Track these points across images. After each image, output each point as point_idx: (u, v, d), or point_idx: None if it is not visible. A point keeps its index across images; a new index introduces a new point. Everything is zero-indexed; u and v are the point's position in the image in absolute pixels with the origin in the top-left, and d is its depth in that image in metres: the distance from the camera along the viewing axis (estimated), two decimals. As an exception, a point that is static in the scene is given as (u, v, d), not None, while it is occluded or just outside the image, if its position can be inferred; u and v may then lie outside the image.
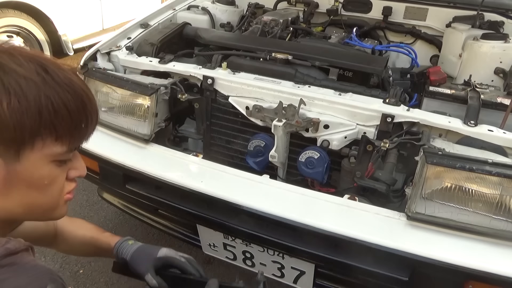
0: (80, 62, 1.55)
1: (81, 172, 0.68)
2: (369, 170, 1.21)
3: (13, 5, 3.32)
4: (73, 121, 0.59)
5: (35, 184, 0.60)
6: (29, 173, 0.58)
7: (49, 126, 0.57)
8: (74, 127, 0.60)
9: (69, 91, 0.59)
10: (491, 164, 1.02)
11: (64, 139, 0.59)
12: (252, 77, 1.41)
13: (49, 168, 0.60)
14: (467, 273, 1.01)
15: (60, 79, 0.58)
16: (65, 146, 0.60)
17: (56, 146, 0.59)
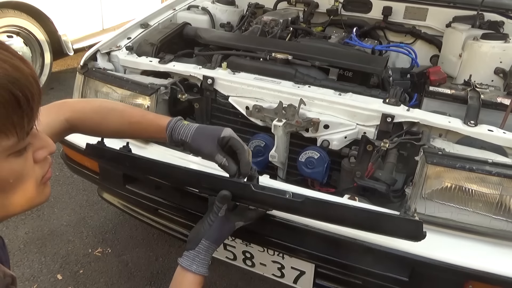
0: (80, 62, 1.55)
1: (49, 149, 0.59)
2: (369, 170, 1.21)
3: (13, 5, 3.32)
4: (7, 107, 0.48)
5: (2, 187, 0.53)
6: None
7: None
8: (13, 112, 0.49)
9: None
10: (491, 164, 1.02)
11: (7, 130, 0.49)
12: (252, 77, 1.41)
13: (8, 165, 0.52)
14: (467, 273, 1.01)
15: None
16: (13, 136, 0.50)
17: (2, 141, 0.49)
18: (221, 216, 0.96)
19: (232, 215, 0.99)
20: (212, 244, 0.96)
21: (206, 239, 0.95)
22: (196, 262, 0.94)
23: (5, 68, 0.48)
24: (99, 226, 2.16)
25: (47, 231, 2.11)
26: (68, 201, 2.33)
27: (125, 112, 1.03)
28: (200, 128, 0.99)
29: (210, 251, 0.96)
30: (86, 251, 2.01)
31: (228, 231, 0.99)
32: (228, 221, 0.97)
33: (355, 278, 1.16)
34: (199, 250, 0.95)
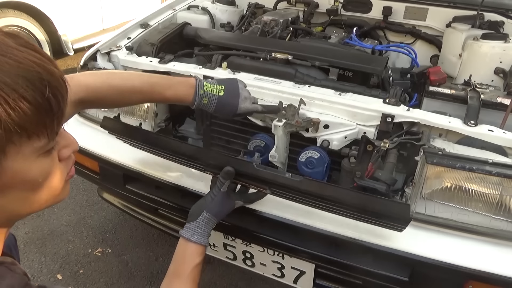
0: (80, 62, 1.55)
1: (73, 147, 0.61)
2: (369, 170, 1.21)
3: (13, 5, 3.33)
4: (41, 110, 0.49)
5: (30, 185, 0.54)
6: (19, 178, 0.52)
7: (15, 129, 0.47)
8: (46, 115, 0.50)
9: (20, 74, 0.47)
10: (491, 164, 1.02)
11: (39, 132, 0.50)
12: (252, 77, 1.41)
13: (37, 165, 0.53)
14: (467, 273, 1.01)
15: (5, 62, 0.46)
16: (44, 138, 0.51)
17: (34, 142, 0.51)
18: (223, 191, 1.03)
19: (233, 194, 1.09)
20: (212, 216, 1.02)
21: (207, 212, 1.01)
22: (197, 233, 1.00)
23: (39, 71, 0.49)
24: (99, 226, 2.16)
25: (47, 231, 2.11)
26: (68, 201, 2.33)
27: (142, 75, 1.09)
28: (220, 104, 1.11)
29: (211, 224, 1.02)
30: (86, 251, 2.01)
31: (228, 208, 1.06)
32: (229, 198, 1.05)
33: (355, 278, 1.17)
34: (200, 222, 1.01)
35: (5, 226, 0.61)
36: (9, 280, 0.52)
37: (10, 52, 0.48)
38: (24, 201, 0.56)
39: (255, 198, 1.12)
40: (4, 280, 0.51)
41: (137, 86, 1.02)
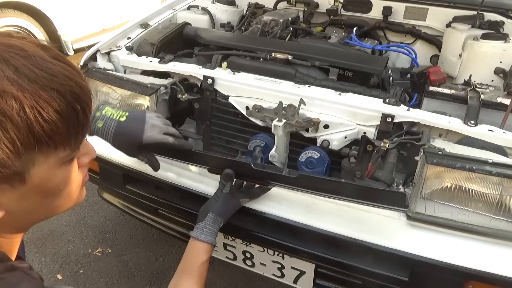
0: (80, 62, 1.55)
1: (91, 155, 0.63)
2: (369, 170, 1.21)
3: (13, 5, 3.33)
4: (70, 123, 0.51)
5: (52, 193, 0.56)
6: (42, 186, 0.54)
7: (45, 140, 0.49)
8: (73, 127, 0.52)
9: (54, 87, 0.48)
10: (491, 164, 1.02)
11: (65, 143, 0.52)
12: (252, 77, 1.41)
13: (60, 173, 0.55)
14: (467, 273, 1.01)
15: (37, 75, 0.48)
16: (69, 148, 0.54)
17: (59, 152, 0.53)
18: (225, 192, 1.08)
19: (238, 192, 1.13)
20: (218, 216, 1.07)
21: (212, 212, 1.06)
22: (205, 232, 1.05)
23: (72, 85, 0.51)
24: (99, 226, 2.16)
25: (47, 231, 2.11)
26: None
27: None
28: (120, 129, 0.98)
29: (217, 223, 1.07)
30: (86, 251, 2.01)
31: (234, 207, 1.11)
32: (233, 198, 1.10)
33: (355, 278, 1.17)
34: (206, 222, 1.06)
35: (22, 231, 0.62)
36: (27, 284, 0.53)
37: (45, 65, 0.49)
38: (44, 206, 0.58)
39: (260, 192, 1.17)
40: (21, 285, 0.52)
41: None
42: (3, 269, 0.53)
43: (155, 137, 1.01)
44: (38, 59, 0.49)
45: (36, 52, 0.50)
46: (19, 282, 0.52)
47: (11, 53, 0.48)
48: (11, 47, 0.49)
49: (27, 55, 0.49)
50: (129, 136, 1.01)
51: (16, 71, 0.47)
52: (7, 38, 0.50)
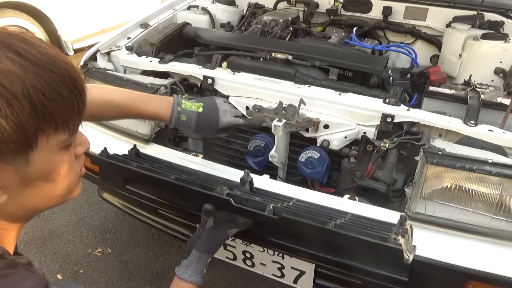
0: (80, 62, 1.55)
1: (86, 146, 0.65)
2: (369, 170, 1.21)
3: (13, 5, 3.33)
4: (68, 104, 0.54)
5: (52, 177, 0.58)
6: (44, 169, 0.55)
7: (47, 119, 0.51)
8: (71, 109, 0.54)
9: (53, 70, 0.52)
10: (491, 164, 1.02)
11: (65, 125, 0.54)
12: (252, 77, 1.41)
13: (59, 157, 0.57)
14: (467, 273, 1.01)
15: (37, 57, 0.51)
16: (68, 131, 0.56)
17: (59, 135, 0.55)
18: (208, 227, 1.00)
19: (224, 224, 1.02)
20: (202, 254, 1.00)
21: (196, 249, 1.00)
22: (189, 271, 0.99)
23: (68, 69, 0.54)
24: (99, 226, 2.16)
25: (47, 231, 2.11)
26: (68, 201, 2.33)
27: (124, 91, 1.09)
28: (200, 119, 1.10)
29: (202, 261, 1.00)
30: (86, 251, 2.01)
31: (220, 240, 1.03)
32: (218, 231, 1.01)
33: (355, 278, 1.16)
34: (191, 260, 1.00)
35: (21, 221, 0.63)
36: (31, 281, 0.53)
37: (43, 50, 0.52)
38: (44, 193, 0.59)
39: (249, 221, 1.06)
40: (26, 282, 0.53)
41: (116, 100, 1.02)
42: (5, 265, 0.53)
43: (228, 120, 1.14)
44: (36, 45, 0.52)
45: (34, 39, 0.53)
46: (23, 280, 0.53)
47: (11, 39, 0.51)
48: (11, 34, 0.52)
49: (26, 41, 0.51)
50: (208, 124, 1.13)
51: (17, 54, 0.49)
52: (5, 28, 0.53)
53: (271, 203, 0.95)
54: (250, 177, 1.04)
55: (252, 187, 1.04)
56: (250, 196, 0.98)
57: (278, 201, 0.99)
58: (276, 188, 1.24)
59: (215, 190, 0.96)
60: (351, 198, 1.21)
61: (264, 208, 0.92)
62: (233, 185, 1.05)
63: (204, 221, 1.01)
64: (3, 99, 0.47)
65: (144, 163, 1.11)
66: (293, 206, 0.99)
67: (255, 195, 1.01)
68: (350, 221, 0.94)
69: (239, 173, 1.29)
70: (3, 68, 0.47)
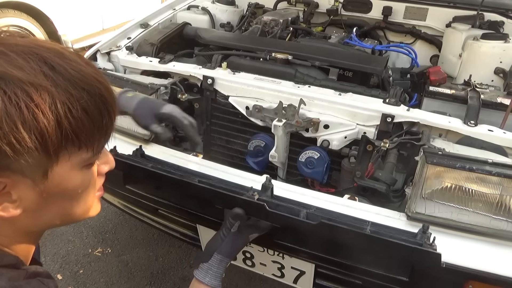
0: (80, 62, 1.55)
1: (111, 165, 0.65)
2: (369, 170, 1.21)
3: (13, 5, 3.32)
4: (95, 123, 0.53)
5: (70, 195, 0.57)
6: (62, 186, 0.54)
7: (71, 137, 0.50)
8: (97, 129, 0.54)
9: (85, 88, 0.51)
10: (491, 164, 1.02)
11: (89, 144, 0.53)
12: (252, 77, 1.41)
13: (80, 175, 0.56)
14: (467, 273, 1.01)
15: (70, 74, 0.50)
16: (91, 150, 0.55)
17: (82, 153, 0.54)
18: (233, 231, 0.98)
19: (246, 228, 1.00)
20: (224, 258, 0.98)
21: (219, 253, 0.97)
22: (210, 274, 0.97)
23: (100, 88, 0.53)
24: (99, 226, 2.16)
25: (47, 231, 2.10)
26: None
27: None
28: (141, 103, 1.06)
29: (223, 264, 0.98)
30: (86, 251, 2.01)
31: (242, 244, 1.02)
32: (241, 235, 0.99)
33: (355, 278, 1.16)
34: (212, 263, 0.97)
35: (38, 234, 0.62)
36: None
37: (78, 67, 0.52)
38: (60, 209, 0.58)
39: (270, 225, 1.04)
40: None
41: None
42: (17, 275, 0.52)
43: (173, 111, 1.08)
44: (73, 61, 0.52)
45: (72, 55, 0.53)
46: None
47: (49, 53, 0.50)
48: (49, 49, 0.51)
49: (63, 57, 0.51)
50: (151, 104, 1.08)
51: (52, 69, 0.49)
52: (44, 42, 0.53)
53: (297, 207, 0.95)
54: (272, 184, 1.02)
55: (273, 194, 1.02)
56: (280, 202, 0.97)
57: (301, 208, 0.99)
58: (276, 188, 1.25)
59: (245, 194, 0.94)
60: (351, 198, 1.21)
61: (298, 213, 0.92)
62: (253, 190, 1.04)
63: (231, 224, 0.98)
64: (30, 113, 0.46)
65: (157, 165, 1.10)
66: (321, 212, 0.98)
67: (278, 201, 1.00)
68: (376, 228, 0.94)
69: (239, 173, 1.29)
70: (35, 82, 0.47)
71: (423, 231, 0.91)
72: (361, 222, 0.97)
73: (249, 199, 0.94)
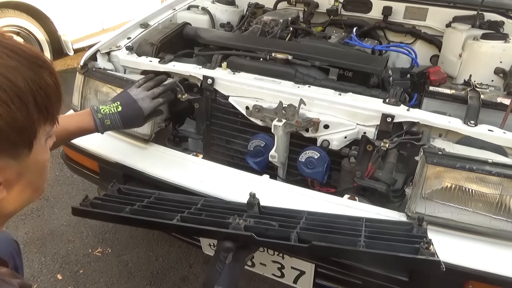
0: (80, 62, 1.55)
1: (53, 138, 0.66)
2: (369, 170, 1.21)
3: (13, 5, 3.32)
4: (57, 96, 0.58)
5: (41, 169, 0.60)
6: (37, 161, 0.58)
7: (44, 111, 0.55)
8: (57, 100, 0.58)
9: (42, 65, 0.56)
10: (491, 164, 1.02)
11: (54, 116, 0.58)
12: (252, 77, 1.41)
13: (46, 148, 0.60)
14: (467, 273, 1.01)
15: (29, 55, 0.55)
16: (52, 122, 0.59)
17: (47, 126, 0.58)
18: (228, 262, 0.95)
19: (240, 254, 0.98)
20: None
21: (219, 286, 0.95)
22: None
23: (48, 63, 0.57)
24: (99, 226, 2.16)
25: (47, 231, 2.11)
26: (68, 201, 2.33)
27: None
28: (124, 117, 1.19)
29: None
30: (86, 251, 2.01)
31: (241, 270, 1.00)
32: (238, 262, 0.97)
33: (355, 278, 1.16)
34: None
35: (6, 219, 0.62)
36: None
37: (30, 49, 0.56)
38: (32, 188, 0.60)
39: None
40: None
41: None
42: None
43: (149, 105, 1.23)
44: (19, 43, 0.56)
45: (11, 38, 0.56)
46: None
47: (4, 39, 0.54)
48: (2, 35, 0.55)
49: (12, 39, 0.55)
50: (133, 118, 1.22)
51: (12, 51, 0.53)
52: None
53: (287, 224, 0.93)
54: (257, 199, 1.00)
55: (260, 209, 1.01)
56: (268, 224, 0.94)
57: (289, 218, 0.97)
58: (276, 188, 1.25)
59: (230, 225, 0.91)
60: (351, 198, 1.21)
61: (288, 236, 0.89)
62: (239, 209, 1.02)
63: (224, 257, 0.95)
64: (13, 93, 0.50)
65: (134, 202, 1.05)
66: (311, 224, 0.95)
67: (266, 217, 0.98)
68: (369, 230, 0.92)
69: (239, 173, 1.30)
70: (5, 62, 0.51)
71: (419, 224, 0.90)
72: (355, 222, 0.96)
73: (236, 232, 0.91)
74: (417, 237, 0.87)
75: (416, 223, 0.91)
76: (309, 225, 0.95)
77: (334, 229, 0.92)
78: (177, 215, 0.98)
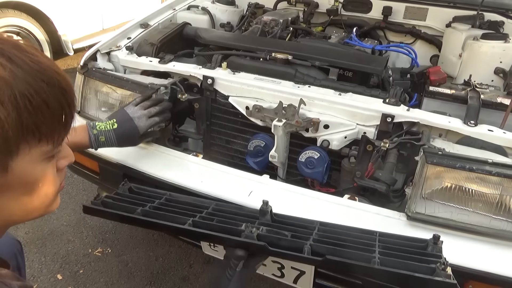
0: (80, 62, 1.55)
1: (70, 159, 0.64)
2: (369, 170, 1.21)
3: (13, 5, 3.32)
4: (56, 115, 0.53)
5: (30, 189, 0.56)
6: (22, 179, 0.53)
7: (31, 128, 0.50)
8: (57, 121, 0.54)
9: (43, 79, 0.51)
10: (491, 164, 1.02)
11: (49, 136, 0.53)
12: (252, 77, 1.41)
13: (40, 168, 0.56)
14: (467, 273, 1.01)
15: (29, 65, 0.50)
16: (51, 142, 0.54)
17: (42, 146, 0.53)
18: (239, 270, 0.94)
19: (251, 261, 0.96)
20: None
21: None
22: None
23: (59, 80, 0.53)
24: (99, 226, 2.16)
25: (47, 231, 2.10)
26: (68, 201, 2.33)
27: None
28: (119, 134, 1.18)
29: None
30: (86, 251, 2.01)
31: (250, 276, 1.00)
32: (248, 269, 0.96)
33: (355, 278, 1.16)
34: None
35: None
36: None
37: (36, 59, 0.52)
38: (20, 205, 0.57)
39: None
40: None
41: None
42: None
43: (145, 124, 1.23)
44: (29, 53, 0.51)
45: (28, 48, 0.52)
46: None
47: (5, 45, 0.50)
48: (5, 41, 0.51)
49: (20, 49, 0.51)
50: (128, 135, 1.21)
51: (9, 60, 0.49)
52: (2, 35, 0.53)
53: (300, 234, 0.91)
54: (270, 206, 0.99)
55: (272, 216, 1.00)
56: (280, 234, 0.93)
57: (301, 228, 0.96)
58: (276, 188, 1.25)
59: (243, 233, 0.90)
60: (351, 198, 1.21)
61: (301, 248, 0.88)
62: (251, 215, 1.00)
63: (235, 265, 0.93)
64: None
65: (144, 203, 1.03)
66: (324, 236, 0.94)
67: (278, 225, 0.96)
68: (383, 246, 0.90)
69: (239, 173, 1.29)
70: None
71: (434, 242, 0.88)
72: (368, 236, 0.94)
73: (249, 241, 0.89)
74: (432, 256, 0.86)
75: (431, 241, 0.89)
76: (321, 236, 0.93)
77: (347, 243, 0.91)
78: (188, 220, 0.96)
